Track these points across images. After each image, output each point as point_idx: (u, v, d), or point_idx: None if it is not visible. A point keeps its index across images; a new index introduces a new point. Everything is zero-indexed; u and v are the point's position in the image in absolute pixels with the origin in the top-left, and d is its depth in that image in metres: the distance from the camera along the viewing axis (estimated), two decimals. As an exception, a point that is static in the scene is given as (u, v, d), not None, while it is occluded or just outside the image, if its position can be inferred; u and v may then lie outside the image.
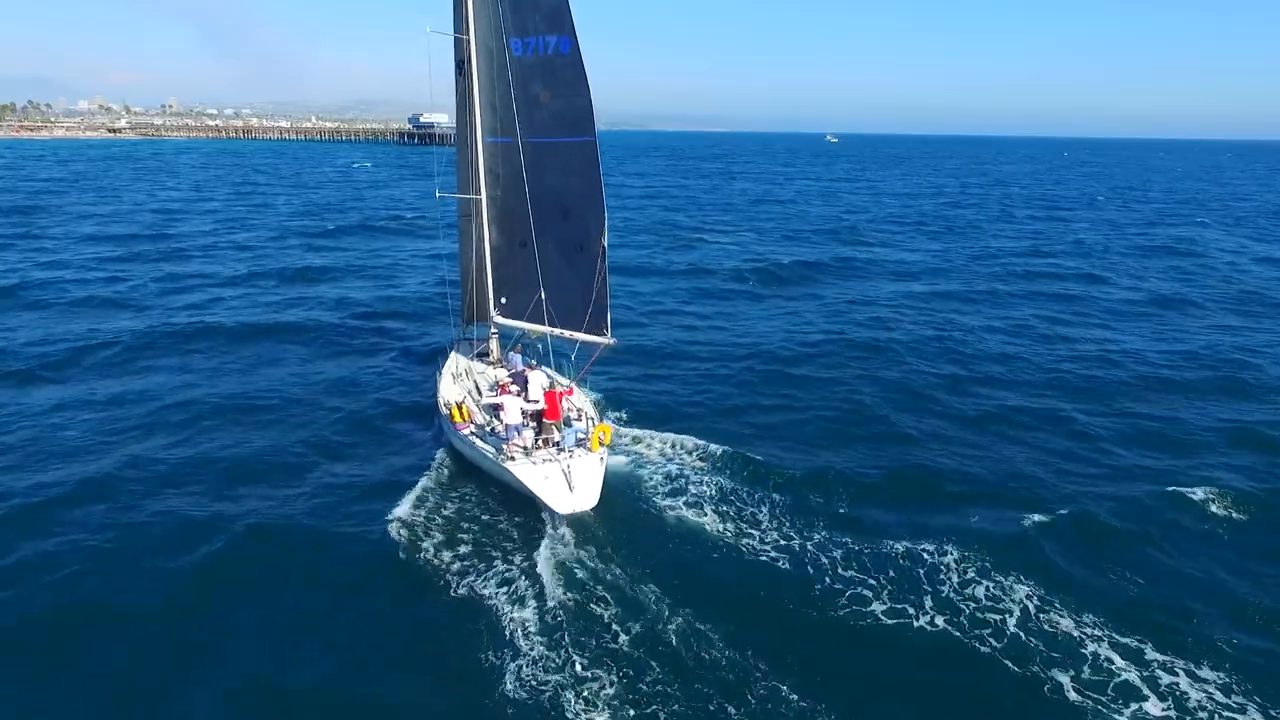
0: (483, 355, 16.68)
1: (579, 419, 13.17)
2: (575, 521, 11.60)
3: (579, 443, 12.53)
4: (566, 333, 14.36)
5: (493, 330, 16.36)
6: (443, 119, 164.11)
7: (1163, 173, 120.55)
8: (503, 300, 15.15)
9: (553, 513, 11.54)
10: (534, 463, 12.00)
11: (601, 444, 12.42)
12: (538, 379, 13.69)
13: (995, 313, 26.62)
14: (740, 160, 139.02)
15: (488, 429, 13.24)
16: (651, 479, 13.23)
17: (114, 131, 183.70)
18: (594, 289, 13.69)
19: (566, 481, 11.73)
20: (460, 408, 13.47)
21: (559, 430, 12.79)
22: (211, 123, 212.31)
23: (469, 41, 13.66)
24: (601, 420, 13.41)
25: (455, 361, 16.29)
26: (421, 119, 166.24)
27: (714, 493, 12.68)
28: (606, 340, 13.88)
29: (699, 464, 13.69)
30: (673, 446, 14.35)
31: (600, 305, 13.74)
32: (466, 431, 13.16)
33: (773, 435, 15.43)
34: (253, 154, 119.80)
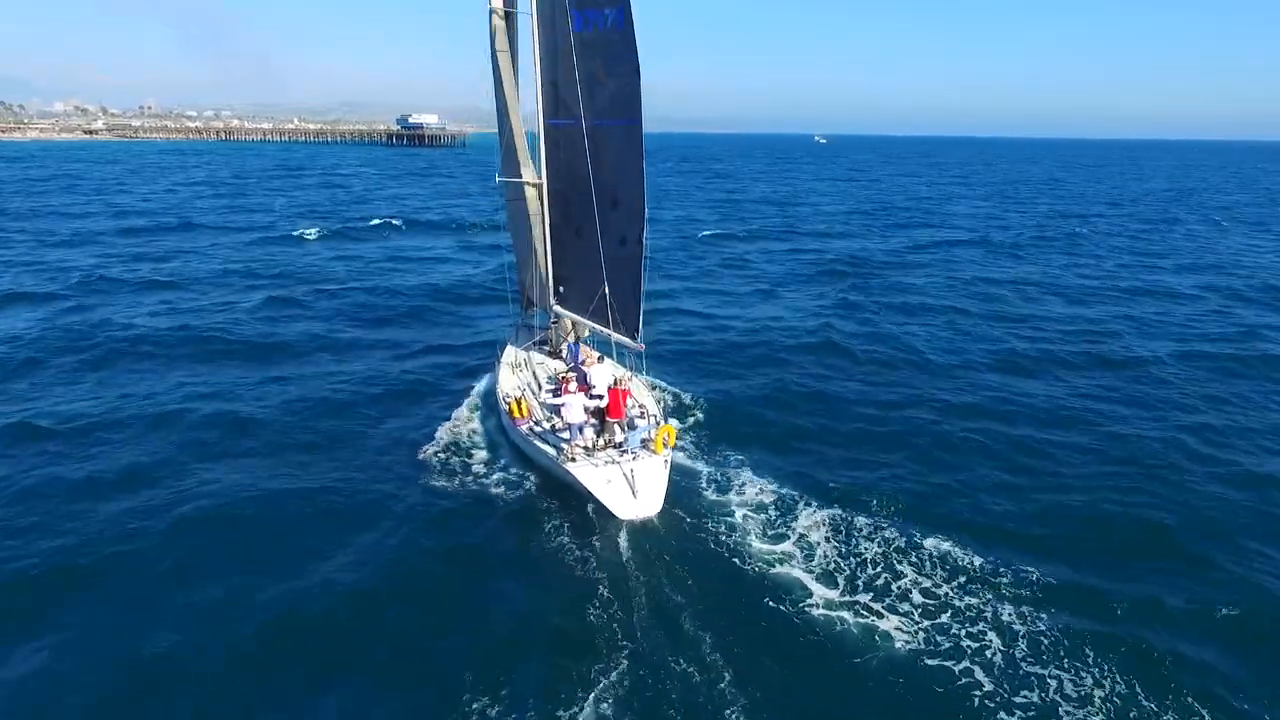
0: (541, 344, 15.97)
1: (642, 417, 12.44)
2: (637, 528, 10.98)
3: (644, 444, 11.80)
4: (603, 329, 13.68)
5: (552, 320, 15.61)
6: (432, 119, 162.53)
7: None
8: (560, 289, 14.38)
9: (614, 517, 10.88)
10: (595, 464, 11.32)
11: (666, 446, 11.69)
12: (602, 373, 12.95)
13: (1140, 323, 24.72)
14: (734, 161, 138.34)
15: (548, 425, 12.55)
16: (713, 482, 12.57)
17: (90, 133, 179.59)
18: (631, 286, 13.05)
19: (629, 486, 11.06)
20: (519, 403, 12.78)
21: (621, 430, 12.07)
22: (191, 124, 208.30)
23: (531, 16, 12.95)
24: (666, 420, 12.64)
25: (513, 352, 15.55)
26: (410, 119, 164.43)
27: (793, 515, 11.73)
28: (635, 345, 13.26)
29: (774, 475, 12.90)
30: (743, 455, 13.58)
31: (635, 304, 13.04)
32: (525, 428, 12.46)
33: (876, 464, 13.76)
34: (237, 156, 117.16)
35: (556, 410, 12.54)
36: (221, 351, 19.71)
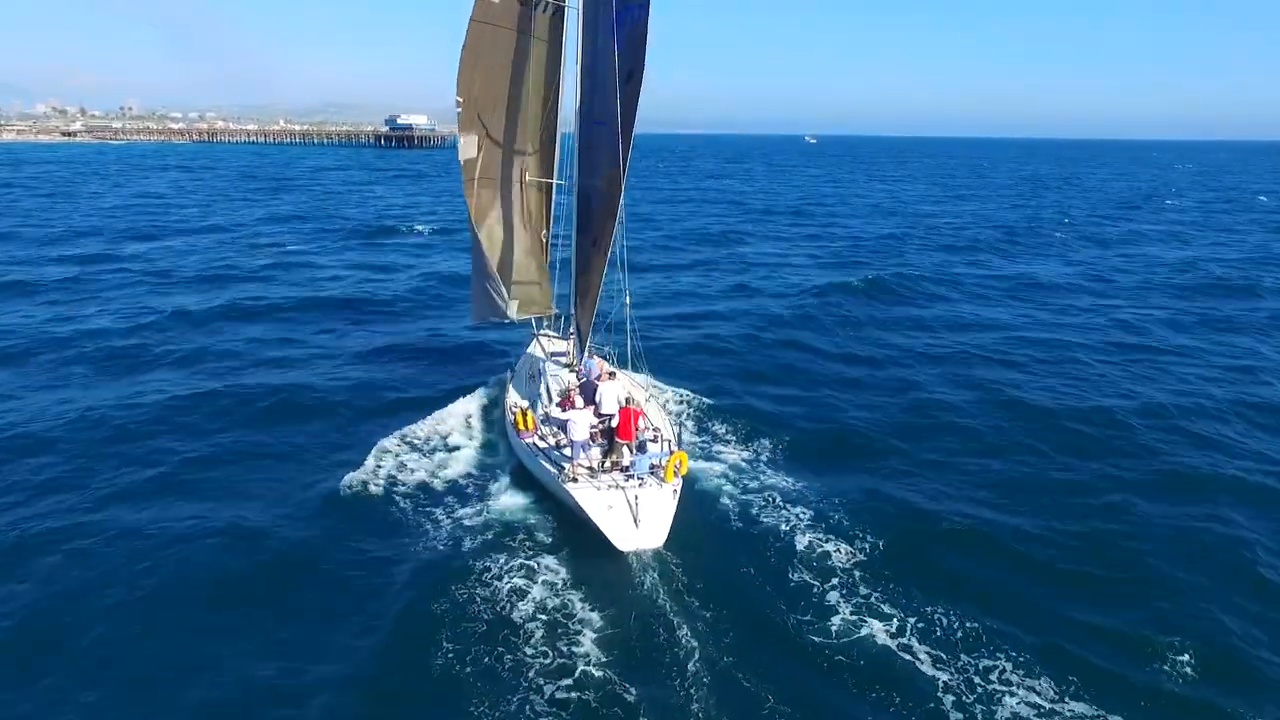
0: (558, 356, 15.21)
1: (655, 441, 11.58)
2: (636, 560, 10.18)
3: (652, 470, 10.90)
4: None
5: (571, 331, 14.87)
6: (421, 120, 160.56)
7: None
8: (579, 299, 13.61)
9: (613, 547, 10.06)
10: (598, 487, 10.53)
11: (677, 474, 10.82)
12: (612, 390, 12.09)
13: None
14: (737, 163, 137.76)
15: (552, 441, 11.80)
16: (731, 510, 11.76)
17: (68, 135, 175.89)
18: (597, 300, 12.68)
19: (632, 514, 10.19)
20: (525, 415, 12.01)
21: (631, 452, 11.24)
22: (174, 126, 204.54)
23: (579, 10, 12.52)
24: (679, 446, 11.78)
25: (529, 362, 14.81)
26: (399, 120, 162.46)
27: (822, 546, 10.81)
28: (577, 365, 12.72)
29: (798, 500, 12.04)
30: (770, 476, 12.72)
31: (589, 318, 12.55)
32: (529, 442, 11.69)
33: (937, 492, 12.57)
34: (217, 159, 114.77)
35: (561, 426, 11.78)
36: (176, 366, 18.49)
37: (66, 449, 13.49)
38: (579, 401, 11.95)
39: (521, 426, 11.98)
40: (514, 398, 13.52)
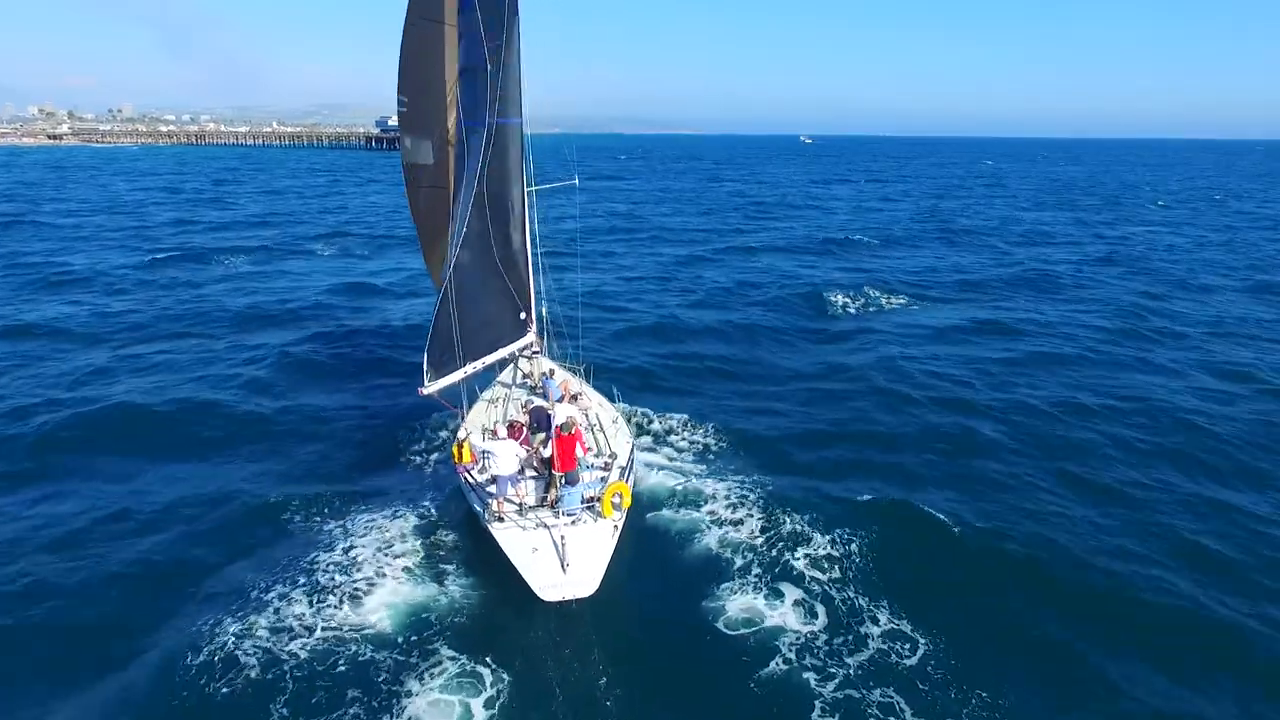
0: (527, 378, 13.98)
1: (606, 469, 10.17)
2: (563, 609, 8.76)
3: (587, 504, 9.47)
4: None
5: (534, 350, 13.67)
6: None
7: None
8: (521, 316, 12.20)
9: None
10: (523, 527, 9.17)
11: (617, 508, 9.38)
12: (565, 414, 10.69)
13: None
14: (725, 161, 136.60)
15: (480, 475, 10.43)
16: (690, 547, 10.43)
17: (54, 138, 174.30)
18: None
19: (559, 557, 8.71)
20: (463, 445, 10.61)
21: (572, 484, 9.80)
22: (165, 129, 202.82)
23: None
24: (627, 475, 10.40)
25: (499, 388, 13.50)
26: (390, 122, 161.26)
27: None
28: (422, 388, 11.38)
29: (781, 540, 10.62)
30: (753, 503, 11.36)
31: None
32: (464, 476, 10.44)
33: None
34: (204, 162, 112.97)
35: (487, 457, 10.37)
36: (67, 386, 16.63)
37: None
38: (502, 431, 10.58)
39: (457, 459, 10.63)
40: (465, 426, 12.21)
